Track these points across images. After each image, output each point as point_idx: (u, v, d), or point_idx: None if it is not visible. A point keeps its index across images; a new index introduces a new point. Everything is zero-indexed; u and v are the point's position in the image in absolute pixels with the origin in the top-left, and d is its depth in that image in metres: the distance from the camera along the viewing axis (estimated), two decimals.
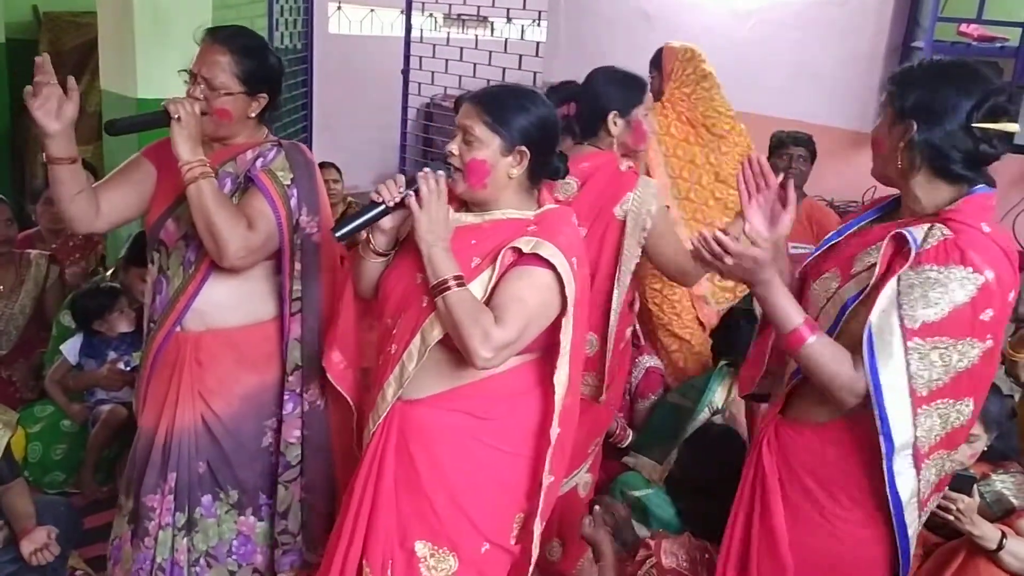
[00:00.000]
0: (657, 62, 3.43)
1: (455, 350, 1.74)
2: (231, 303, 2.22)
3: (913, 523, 1.67)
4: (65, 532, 2.67)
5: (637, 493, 2.79)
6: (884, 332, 1.56)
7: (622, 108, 2.47)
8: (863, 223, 1.82)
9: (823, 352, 1.62)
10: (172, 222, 2.20)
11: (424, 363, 1.77)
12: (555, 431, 1.81)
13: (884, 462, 1.59)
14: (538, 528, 1.86)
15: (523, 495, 1.88)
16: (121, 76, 3.59)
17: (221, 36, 2.12)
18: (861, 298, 1.64)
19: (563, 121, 2.43)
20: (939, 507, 1.99)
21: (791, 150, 3.67)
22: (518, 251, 1.74)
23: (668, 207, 2.42)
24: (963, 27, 4.14)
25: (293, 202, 2.15)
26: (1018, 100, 1.68)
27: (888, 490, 1.61)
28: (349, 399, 2.04)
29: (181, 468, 2.24)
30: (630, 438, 3.28)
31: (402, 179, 1.78)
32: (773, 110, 3.93)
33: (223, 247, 2.05)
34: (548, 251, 1.71)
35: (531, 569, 1.90)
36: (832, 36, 4.25)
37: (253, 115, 2.17)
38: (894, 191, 1.78)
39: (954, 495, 2.02)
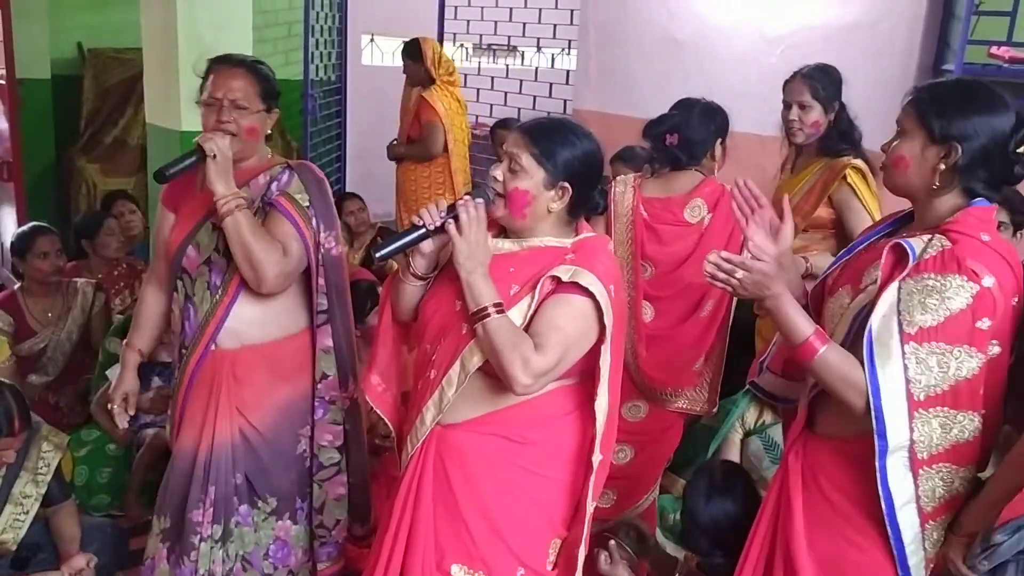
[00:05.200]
0: (416, 53, 4.89)
1: (494, 376, 1.77)
2: (263, 319, 2.31)
3: (910, 529, 1.68)
4: (111, 554, 2.74)
5: (676, 515, 2.79)
6: (883, 336, 1.61)
7: (723, 136, 2.68)
8: (872, 239, 1.86)
9: (834, 360, 1.65)
10: (192, 249, 2.29)
11: (463, 388, 1.80)
12: (597, 457, 1.83)
13: (876, 460, 1.63)
14: (582, 555, 1.86)
15: (559, 520, 1.89)
16: (165, 110, 3.69)
17: (234, 60, 2.28)
18: (868, 309, 1.67)
19: (666, 149, 2.63)
20: None
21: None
22: (557, 279, 1.76)
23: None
24: (994, 49, 4.13)
25: (314, 223, 2.26)
26: None
27: (880, 488, 1.65)
28: (388, 422, 2.06)
29: (219, 482, 2.33)
30: None
31: (444, 204, 1.82)
32: None
33: (262, 275, 2.17)
34: (587, 279, 1.73)
35: None
36: (862, 60, 4.24)
37: (267, 131, 2.30)
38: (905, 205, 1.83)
39: None
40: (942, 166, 1.68)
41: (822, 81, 2.95)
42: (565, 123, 1.91)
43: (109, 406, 2.43)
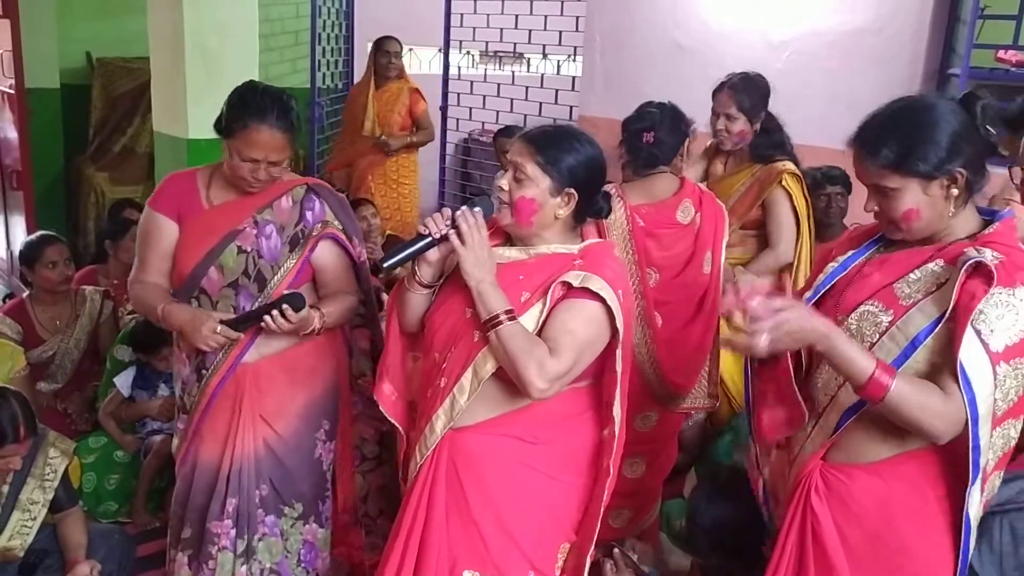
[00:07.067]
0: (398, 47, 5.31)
1: (504, 379, 1.78)
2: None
3: (972, 545, 1.65)
4: (118, 560, 2.74)
5: (682, 521, 2.77)
6: (975, 360, 1.51)
7: (688, 137, 2.75)
8: (871, 252, 1.77)
9: (910, 393, 1.53)
10: (215, 271, 2.26)
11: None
12: (614, 461, 1.84)
13: (968, 487, 1.56)
14: (588, 561, 1.87)
15: (570, 524, 1.90)
16: (173, 118, 3.72)
17: (271, 119, 2.13)
18: (937, 330, 1.56)
19: (642, 147, 2.66)
20: None
21: (828, 190, 3.66)
22: (568, 285, 1.77)
23: None
24: (1000, 53, 4.12)
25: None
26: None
27: (964, 515, 1.59)
28: (401, 430, 2.07)
29: (241, 495, 2.34)
30: None
31: (449, 212, 1.83)
32: (810, 139, 3.94)
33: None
34: (597, 284, 1.75)
35: None
36: (868, 65, 4.25)
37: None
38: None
39: None
40: (954, 191, 1.60)
41: (747, 92, 3.16)
42: (568, 130, 1.92)
43: (215, 328, 2.14)
